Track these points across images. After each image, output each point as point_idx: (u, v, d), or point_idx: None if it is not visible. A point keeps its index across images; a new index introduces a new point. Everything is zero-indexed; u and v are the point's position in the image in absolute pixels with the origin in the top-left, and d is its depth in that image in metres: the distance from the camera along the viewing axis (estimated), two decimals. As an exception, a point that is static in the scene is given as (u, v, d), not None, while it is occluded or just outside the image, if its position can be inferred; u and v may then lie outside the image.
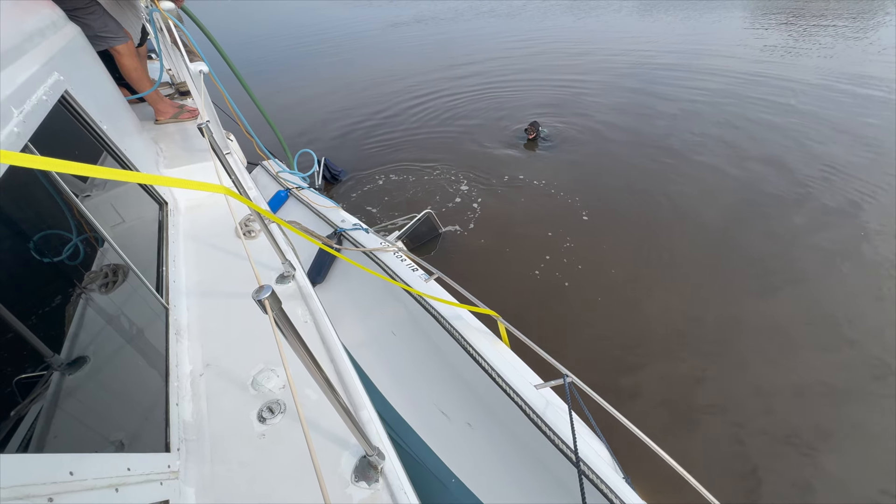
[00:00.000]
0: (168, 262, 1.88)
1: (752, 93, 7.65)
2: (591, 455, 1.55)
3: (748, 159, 5.61)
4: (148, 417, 1.25)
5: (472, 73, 9.82)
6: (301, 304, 1.71)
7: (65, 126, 1.63)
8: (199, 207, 2.37)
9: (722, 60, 9.50)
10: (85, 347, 1.17)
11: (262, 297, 0.71)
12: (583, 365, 3.05)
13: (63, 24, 1.95)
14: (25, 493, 0.65)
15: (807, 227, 4.37)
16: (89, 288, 1.38)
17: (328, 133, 7.31)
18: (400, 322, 2.48)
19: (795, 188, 4.97)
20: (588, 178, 5.43)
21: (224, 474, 1.18)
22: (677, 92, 7.91)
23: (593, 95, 7.99)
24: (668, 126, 6.67)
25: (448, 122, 7.38)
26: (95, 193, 1.74)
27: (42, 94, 1.31)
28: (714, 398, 2.91)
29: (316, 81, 10.12)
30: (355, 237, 2.75)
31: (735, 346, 3.24)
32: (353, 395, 1.34)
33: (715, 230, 4.42)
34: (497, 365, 1.86)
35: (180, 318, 1.66)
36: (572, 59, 10.40)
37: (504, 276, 4.01)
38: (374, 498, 1.11)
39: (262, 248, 1.96)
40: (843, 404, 2.83)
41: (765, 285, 3.73)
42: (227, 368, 1.48)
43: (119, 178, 0.71)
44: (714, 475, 2.51)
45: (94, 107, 1.77)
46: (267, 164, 4.11)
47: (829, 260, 3.94)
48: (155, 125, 3.10)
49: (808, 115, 6.70)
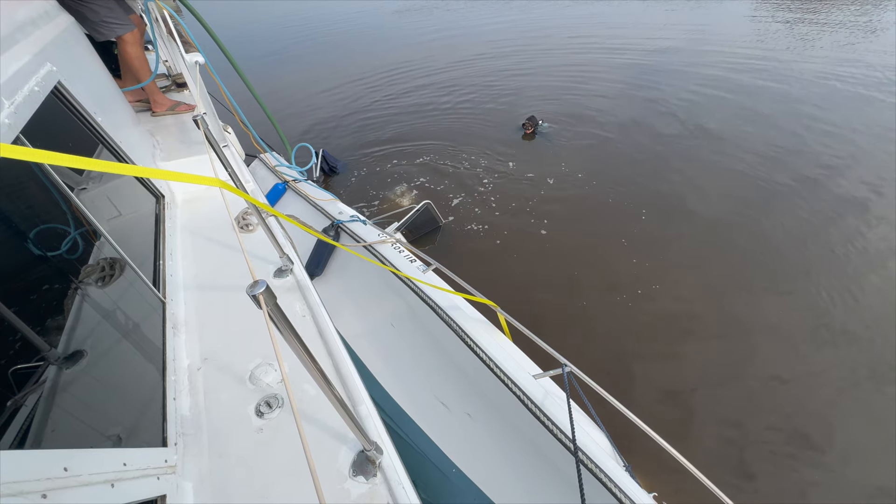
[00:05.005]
0: (165, 256, 1.87)
1: (760, 81, 7.57)
2: (590, 444, 1.55)
3: (752, 152, 5.57)
4: (145, 412, 1.25)
5: (473, 65, 9.74)
6: (299, 297, 1.70)
7: (59, 118, 1.61)
8: (197, 201, 2.36)
9: (728, 50, 9.39)
10: (82, 342, 1.17)
11: (256, 293, 0.70)
12: (583, 355, 3.06)
13: (56, 14, 1.92)
14: (19, 490, 0.65)
15: (817, 221, 4.36)
16: (86, 282, 1.37)
17: (326, 125, 7.28)
18: (399, 314, 2.47)
19: (806, 179, 4.95)
20: (589, 171, 5.40)
21: (222, 469, 1.18)
22: (681, 84, 7.83)
23: (595, 88, 7.90)
24: (672, 119, 6.61)
25: (447, 115, 7.33)
26: (92, 186, 1.72)
27: (34, 85, 1.29)
28: (717, 390, 2.92)
29: (315, 72, 10.04)
30: (353, 229, 2.74)
31: (740, 340, 3.24)
32: (352, 389, 1.34)
33: (716, 222, 4.40)
34: (495, 355, 1.85)
35: (177, 312, 1.65)
36: (574, 50, 10.29)
37: (504, 268, 4.00)
38: (373, 492, 1.11)
39: (261, 242, 1.95)
40: (849, 400, 2.83)
41: (772, 280, 3.72)
42: (225, 363, 1.48)
43: (113, 170, 0.69)
44: (715, 465, 2.52)
45: (89, 98, 1.75)
46: (265, 156, 4.08)
47: (839, 253, 3.93)
48: (151, 117, 3.07)
49: (821, 104, 6.63)
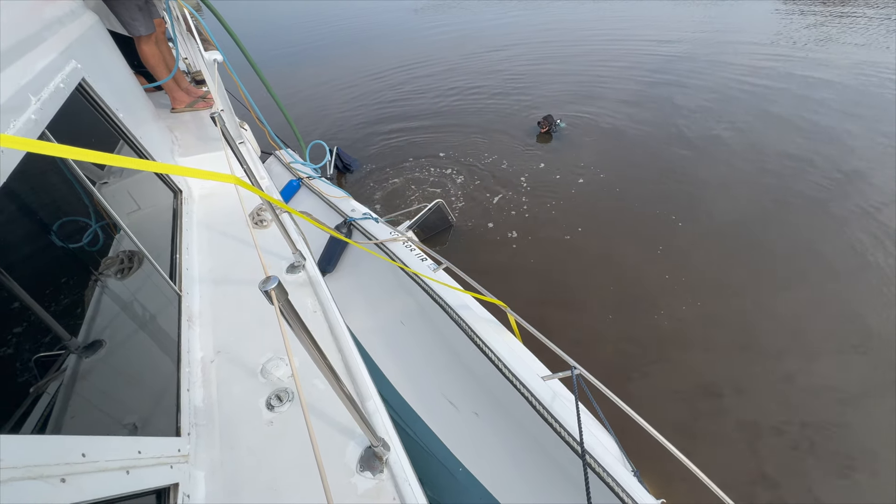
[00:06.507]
0: (182, 250, 1.91)
1: (782, 84, 7.40)
2: (598, 448, 1.54)
3: (774, 154, 5.45)
4: (160, 402, 1.28)
5: (488, 62, 9.70)
6: (311, 293, 1.72)
7: (81, 114, 1.65)
8: (213, 196, 2.40)
9: (749, 49, 9.19)
10: (101, 331, 1.20)
11: (268, 288, 0.71)
12: (593, 359, 3.03)
13: (81, 13, 1.97)
14: (39, 473, 0.67)
15: (837, 224, 4.25)
16: (106, 274, 1.41)
17: (341, 122, 7.32)
18: (408, 312, 2.49)
19: (827, 184, 4.82)
20: (606, 172, 5.34)
21: (233, 459, 1.21)
22: (702, 83, 7.69)
23: (613, 88, 7.79)
24: (689, 119, 6.51)
25: (461, 113, 7.31)
26: (112, 181, 1.76)
27: (59, 82, 1.33)
28: (730, 396, 2.86)
29: (331, 70, 10.11)
30: (365, 227, 2.76)
31: (755, 344, 3.18)
32: (361, 385, 1.35)
33: (736, 225, 4.31)
34: (504, 356, 1.85)
35: (192, 305, 1.69)
36: (595, 49, 10.18)
37: (515, 269, 3.98)
38: (379, 488, 1.12)
39: (274, 238, 1.97)
40: (863, 406, 2.76)
41: (790, 281, 3.64)
42: (237, 356, 1.50)
43: (134, 166, 0.71)
44: (726, 474, 2.48)
45: (111, 95, 1.79)
46: (280, 153, 4.14)
47: (859, 258, 3.83)
48: (171, 113, 3.13)
49: (845, 107, 6.46)
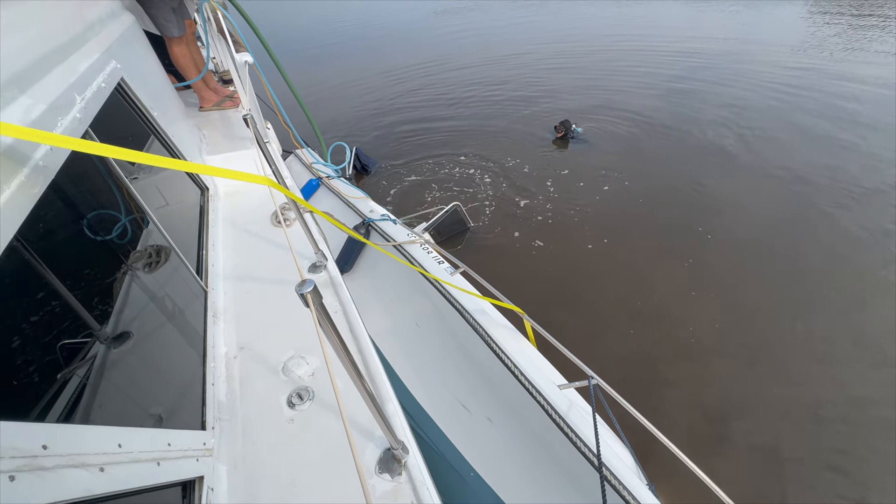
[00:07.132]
0: (208, 246, 1.95)
1: (810, 94, 7.24)
2: (614, 459, 1.52)
3: (803, 165, 5.33)
4: (185, 395, 1.31)
5: (508, 66, 9.71)
6: (332, 293, 1.75)
7: (115, 111, 1.70)
8: (237, 194, 2.45)
9: (775, 58, 9.02)
10: (129, 323, 1.23)
11: (304, 291, 0.73)
12: (610, 369, 3.00)
13: (120, 13, 2.03)
14: (81, 462, 0.70)
15: (858, 239, 4.13)
16: (134, 266, 1.45)
17: (360, 122, 7.40)
18: (424, 314, 2.50)
19: (849, 195, 4.70)
20: (631, 180, 5.29)
21: (254, 455, 1.23)
22: (726, 90, 7.57)
23: (635, 94, 7.73)
24: (711, 128, 6.41)
25: (479, 116, 7.33)
26: (143, 176, 1.81)
27: (101, 82, 1.37)
28: (749, 412, 2.80)
29: (351, 71, 10.22)
30: (383, 228, 2.79)
31: (774, 359, 3.11)
32: (380, 387, 1.36)
33: (756, 239, 4.23)
34: (520, 362, 1.85)
35: (217, 301, 1.72)
36: (616, 55, 10.10)
37: (532, 275, 3.96)
38: (397, 491, 1.13)
39: (296, 237, 2.00)
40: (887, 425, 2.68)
41: (811, 297, 3.56)
42: (260, 353, 1.53)
43: (172, 167, 0.74)
44: (744, 491, 2.43)
45: (147, 94, 1.84)
46: (300, 153, 4.19)
47: (881, 272, 3.73)
48: (199, 112, 3.21)
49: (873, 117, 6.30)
